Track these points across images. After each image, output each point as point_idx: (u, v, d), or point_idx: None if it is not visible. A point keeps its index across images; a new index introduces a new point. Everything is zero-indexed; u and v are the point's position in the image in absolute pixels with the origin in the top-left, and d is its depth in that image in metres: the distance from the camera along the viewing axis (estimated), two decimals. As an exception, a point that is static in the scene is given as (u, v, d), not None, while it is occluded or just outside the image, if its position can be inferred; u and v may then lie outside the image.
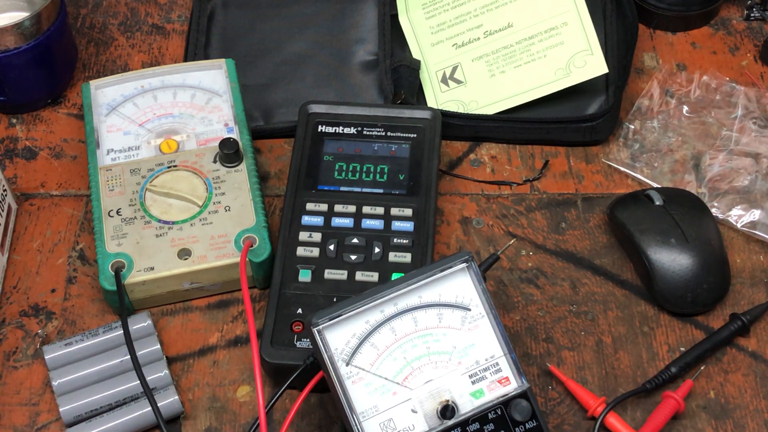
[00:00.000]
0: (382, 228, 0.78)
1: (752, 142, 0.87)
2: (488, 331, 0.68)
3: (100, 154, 0.82)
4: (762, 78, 0.95)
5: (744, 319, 0.76)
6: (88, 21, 1.00)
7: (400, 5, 0.96)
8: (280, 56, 0.95)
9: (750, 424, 0.73)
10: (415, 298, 0.67)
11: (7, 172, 0.88)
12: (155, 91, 0.86)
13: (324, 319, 0.64)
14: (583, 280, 0.81)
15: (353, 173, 0.82)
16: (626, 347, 0.77)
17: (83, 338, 0.74)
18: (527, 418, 0.66)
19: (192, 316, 0.79)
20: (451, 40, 0.93)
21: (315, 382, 0.67)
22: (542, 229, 0.84)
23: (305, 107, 0.85)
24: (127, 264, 0.76)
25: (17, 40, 0.85)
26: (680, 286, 0.77)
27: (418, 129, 0.84)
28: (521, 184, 0.87)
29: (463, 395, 0.66)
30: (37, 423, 0.73)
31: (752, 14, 1.00)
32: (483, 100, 0.90)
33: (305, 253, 0.77)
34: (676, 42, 0.98)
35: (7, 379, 0.75)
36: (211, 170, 0.81)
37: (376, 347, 0.66)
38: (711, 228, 0.80)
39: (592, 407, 0.72)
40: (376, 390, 0.65)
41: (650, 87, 0.92)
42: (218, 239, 0.78)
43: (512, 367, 0.67)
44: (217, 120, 0.85)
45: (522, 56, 0.91)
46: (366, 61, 0.94)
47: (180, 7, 1.01)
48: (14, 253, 0.82)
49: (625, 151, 0.89)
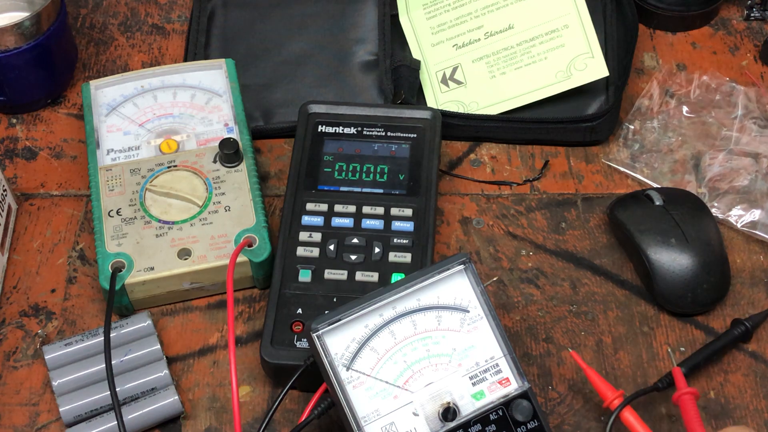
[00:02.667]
0: (382, 228, 0.78)
1: (752, 141, 0.87)
2: (487, 333, 0.68)
3: (100, 154, 0.82)
4: (762, 78, 0.95)
5: (747, 325, 0.76)
6: (88, 21, 1.00)
7: (400, 5, 0.96)
8: (280, 56, 0.95)
9: (750, 424, 0.73)
10: (414, 301, 0.67)
11: (7, 172, 0.88)
12: (155, 91, 0.86)
13: (323, 325, 0.64)
14: (583, 280, 0.81)
15: (353, 173, 0.82)
16: (626, 347, 0.77)
17: (83, 338, 0.74)
18: (528, 419, 0.66)
19: (192, 316, 0.79)
20: (452, 41, 0.93)
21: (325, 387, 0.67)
22: (542, 229, 0.84)
23: (305, 107, 0.85)
24: (127, 264, 0.76)
25: (17, 40, 0.85)
26: (680, 286, 0.77)
27: (418, 129, 0.84)
28: (521, 184, 0.87)
29: (464, 397, 0.66)
30: (37, 423, 0.73)
31: (752, 14, 1.00)
32: (483, 102, 0.90)
33: (305, 253, 0.77)
34: (676, 42, 0.98)
35: (7, 379, 0.75)
36: (211, 170, 0.81)
37: (376, 351, 0.66)
38: (711, 228, 0.80)
39: (609, 399, 0.70)
40: (377, 394, 0.65)
41: (650, 87, 0.92)
42: (218, 239, 0.78)
43: (512, 368, 0.67)
44: (217, 120, 0.85)
45: (523, 58, 0.91)
46: (366, 61, 0.94)
47: (180, 7, 1.01)
48: (14, 253, 0.82)
49: (625, 151, 0.89)
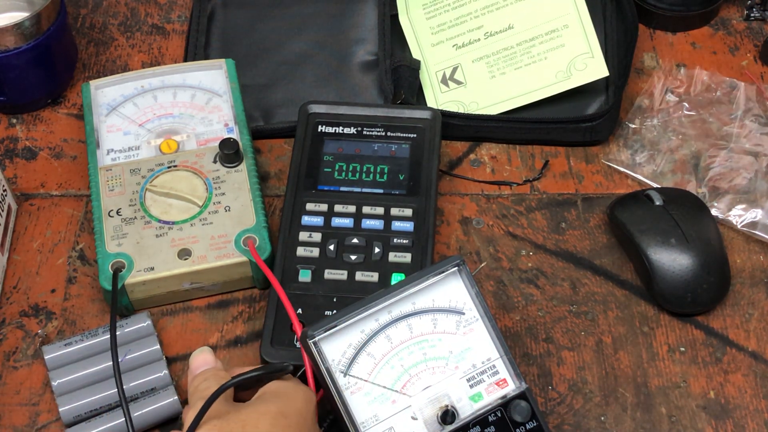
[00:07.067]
0: (382, 228, 0.78)
1: (752, 140, 0.87)
2: (483, 334, 0.68)
3: (100, 154, 0.82)
4: (762, 78, 0.95)
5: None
6: (88, 21, 1.00)
7: (400, 5, 0.96)
8: (280, 56, 0.95)
9: (750, 424, 0.73)
10: (409, 305, 0.67)
11: (7, 172, 0.88)
12: (155, 91, 0.86)
13: (319, 331, 0.64)
14: (583, 280, 0.81)
15: (353, 173, 0.82)
16: (626, 347, 0.77)
17: (83, 338, 0.74)
18: (527, 419, 0.66)
19: (192, 316, 0.79)
20: (452, 41, 0.93)
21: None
22: (542, 229, 0.84)
23: (305, 107, 0.85)
24: (127, 264, 0.76)
25: (17, 40, 0.85)
26: (680, 286, 0.77)
27: (418, 129, 0.84)
28: (521, 184, 0.87)
29: (462, 399, 0.66)
30: (37, 423, 0.73)
31: (752, 14, 1.00)
32: (483, 102, 0.90)
33: (305, 253, 0.77)
34: (676, 42, 0.98)
35: (7, 379, 0.75)
36: (211, 170, 0.81)
37: (373, 356, 0.66)
38: (711, 228, 0.80)
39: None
40: (375, 399, 0.65)
41: (650, 87, 0.92)
42: (218, 239, 0.78)
43: (509, 369, 0.67)
44: (217, 120, 0.85)
45: (522, 58, 0.91)
46: (366, 61, 0.94)
47: (180, 7, 1.01)
48: (14, 253, 0.82)
49: (625, 151, 0.89)
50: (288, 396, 0.63)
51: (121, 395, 0.69)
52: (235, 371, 0.66)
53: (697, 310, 0.78)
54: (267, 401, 0.62)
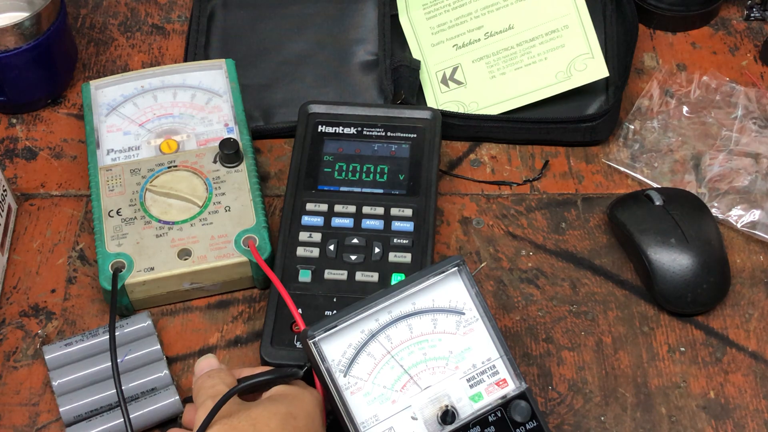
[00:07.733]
0: (382, 228, 0.78)
1: (752, 142, 0.87)
2: (483, 334, 0.68)
3: (100, 154, 0.82)
4: (762, 78, 0.95)
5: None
6: (88, 21, 1.00)
7: (400, 5, 0.96)
8: (280, 56, 0.95)
9: (750, 424, 0.73)
10: (409, 305, 0.67)
11: (7, 172, 0.88)
12: (155, 91, 0.86)
13: (319, 331, 0.64)
14: (583, 280, 0.81)
15: (353, 173, 0.82)
16: (626, 347, 0.77)
17: (83, 338, 0.74)
18: (527, 419, 0.66)
19: (192, 316, 0.79)
20: (452, 41, 0.93)
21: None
22: (542, 229, 0.84)
23: (305, 107, 0.85)
24: (127, 264, 0.76)
25: (17, 40, 0.85)
26: (680, 286, 0.77)
27: (418, 129, 0.84)
28: (521, 184, 0.87)
29: (462, 399, 0.66)
30: (37, 423, 0.73)
31: (752, 14, 1.00)
32: (483, 102, 0.90)
33: (305, 253, 0.77)
34: (676, 42, 0.98)
35: (7, 379, 0.75)
36: (211, 170, 0.81)
37: (373, 356, 0.66)
38: (711, 228, 0.80)
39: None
40: (375, 399, 0.65)
41: (650, 87, 0.92)
42: (218, 239, 0.78)
43: (509, 369, 0.67)
44: (217, 120, 0.85)
45: (523, 58, 0.91)
46: (366, 61, 0.94)
47: (180, 7, 1.01)
48: (14, 253, 0.82)
49: (625, 152, 0.89)
50: (296, 397, 0.64)
51: (120, 395, 0.69)
52: (244, 372, 0.67)
53: (697, 310, 0.78)
54: (276, 402, 0.63)
